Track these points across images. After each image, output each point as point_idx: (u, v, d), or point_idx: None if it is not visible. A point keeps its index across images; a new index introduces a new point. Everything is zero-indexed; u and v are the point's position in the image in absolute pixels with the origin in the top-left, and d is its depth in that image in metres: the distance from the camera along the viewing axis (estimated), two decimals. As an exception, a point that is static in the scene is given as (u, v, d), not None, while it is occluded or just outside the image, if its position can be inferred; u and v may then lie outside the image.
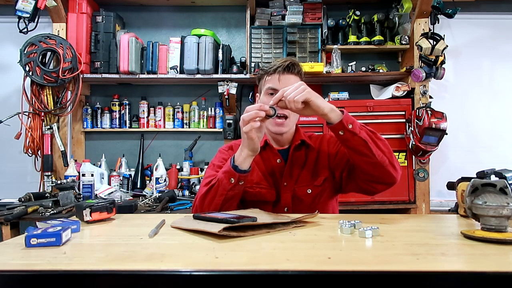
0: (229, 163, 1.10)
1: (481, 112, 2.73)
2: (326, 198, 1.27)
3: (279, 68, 1.24)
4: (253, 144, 1.07)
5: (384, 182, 1.10)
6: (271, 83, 1.25)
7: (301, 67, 1.31)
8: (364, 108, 2.43)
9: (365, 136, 1.04)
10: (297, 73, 1.28)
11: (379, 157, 1.05)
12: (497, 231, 0.72)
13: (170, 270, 0.57)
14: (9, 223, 1.86)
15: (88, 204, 0.95)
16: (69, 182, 2.17)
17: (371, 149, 1.03)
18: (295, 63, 1.27)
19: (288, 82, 1.22)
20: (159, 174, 2.39)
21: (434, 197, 2.57)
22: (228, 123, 2.57)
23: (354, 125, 1.03)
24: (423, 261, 0.61)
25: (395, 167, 1.09)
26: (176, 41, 2.52)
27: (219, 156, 1.33)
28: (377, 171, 1.07)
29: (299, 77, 1.29)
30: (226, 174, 1.09)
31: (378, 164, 1.05)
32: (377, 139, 1.07)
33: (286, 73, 1.25)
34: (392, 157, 1.09)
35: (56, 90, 2.44)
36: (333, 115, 1.04)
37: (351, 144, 1.05)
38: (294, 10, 2.48)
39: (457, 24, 2.70)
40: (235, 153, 1.12)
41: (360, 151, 1.05)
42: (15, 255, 0.66)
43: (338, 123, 1.03)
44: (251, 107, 1.06)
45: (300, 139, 1.29)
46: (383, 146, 1.07)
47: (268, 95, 1.26)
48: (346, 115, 1.04)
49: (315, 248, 0.69)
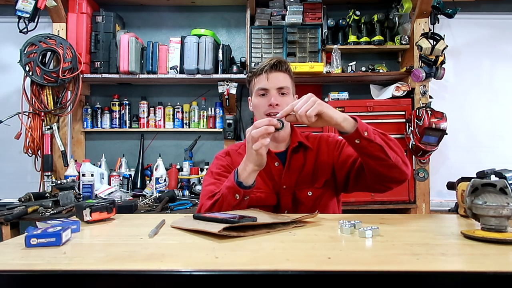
0: (233, 178, 1.06)
1: (481, 112, 2.73)
2: (327, 199, 1.27)
3: (266, 67, 1.24)
4: (261, 160, 1.03)
5: (397, 180, 1.09)
6: (260, 83, 1.25)
7: (289, 64, 1.30)
8: (364, 108, 2.43)
9: (380, 141, 1.02)
10: (284, 70, 1.26)
11: (394, 158, 1.03)
12: (497, 231, 0.72)
13: (170, 270, 0.57)
14: (9, 223, 1.86)
15: (88, 204, 0.95)
16: (69, 182, 2.17)
17: (387, 153, 1.02)
18: (281, 60, 1.26)
19: (277, 80, 1.24)
20: (159, 174, 2.39)
21: (434, 197, 2.57)
22: (228, 123, 2.57)
23: (369, 132, 1.00)
24: (423, 261, 0.61)
25: (407, 164, 1.08)
26: (176, 41, 2.52)
27: (216, 163, 1.31)
28: (392, 172, 1.06)
29: (287, 74, 1.28)
30: (230, 190, 1.06)
31: (393, 165, 1.04)
32: (389, 140, 1.06)
33: (273, 71, 1.24)
34: (403, 155, 1.08)
35: (56, 90, 2.44)
36: (346, 124, 1.00)
37: (367, 151, 1.03)
38: (294, 10, 2.48)
39: (457, 24, 2.70)
40: (239, 167, 1.08)
41: (377, 156, 1.02)
42: (15, 255, 0.66)
43: (354, 132, 0.99)
44: (259, 122, 1.02)
45: (297, 140, 1.28)
46: (395, 146, 1.06)
47: (259, 96, 1.26)
48: (360, 123, 1.00)
49: (315, 248, 0.69)
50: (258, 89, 1.25)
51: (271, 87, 1.23)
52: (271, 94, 1.23)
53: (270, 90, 1.24)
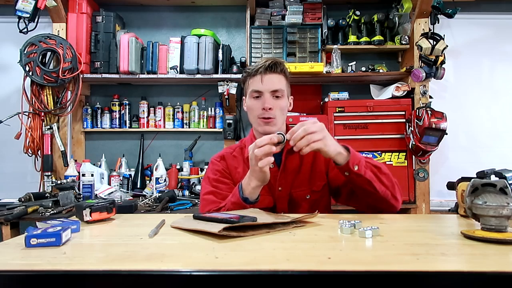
0: (238, 193, 1.07)
1: (481, 112, 2.73)
2: (326, 203, 1.26)
3: (261, 69, 1.21)
4: (264, 176, 1.03)
5: (386, 211, 1.11)
6: (254, 85, 1.22)
7: (285, 65, 1.26)
8: (364, 108, 2.43)
9: (370, 175, 1.03)
10: (280, 71, 1.23)
11: (382, 192, 1.06)
12: (497, 231, 0.72)
13: (170, 270, 0.57)
14: (9, 223, 1.86)
15: (88, 204, 0.95)
16: (69, 182, 2.17)
17: (375, 187, 1.04)
18: (277, 62, 1.23)
19: (271, 82, 1.21)
20: (159, 174, 2.39)
21: (434, 197, 2.57)
22: (228, 123, 2.57)
23: (359, 166, 1.02)
24: (423, 261, 0.61)
25: (397, 198, 1.11)
26: (176, 41, 2.52)
27: (212, 168, 1.30)
28: (379, 204, 1.09)
29: (282, 75, 1.24)
30: (236, 205, 1.06)
31: (381, 199, 1.07)
32: (381, 174, 1.07)
33: (268, 72, 1.21)
34: (394, 189, 1.10)
35: (56, 90, 2.44)
36: (339, 158, 1.02)
37: (356, 183, 1.06)
38: (294, 10, 2.48)
39: (457, 24, 2.70)
40: (243, 182, 1.08)
41: (365, 189, 1.05)
42: (15, 255, 0.65)
43: (344, 165, 1.02)
44: (261, 140, 0.99)
45: None
46: (387, 181, 1.08)
47: (253, 98, 1.23)
48: (352, 156, 1.01)
49: (315, 248, 0.69)
50: (252, 91, 1.23)
51: (265, 89, 1.21)
52: (265, 97, 1.21)
53: (264, 93, 1.21)
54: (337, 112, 2.43)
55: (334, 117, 2.42)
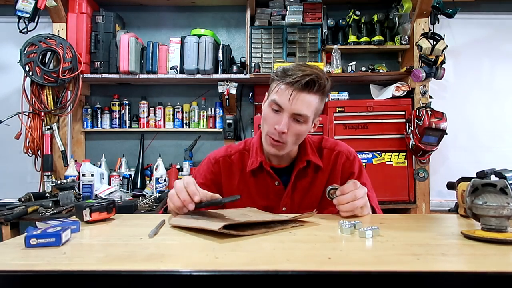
0: None
1: (481, 112, 2.73)
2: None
3: (296, 84, 0.98)
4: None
5: None
6: (279, 96, 1.01)
7: (326, 81, 1.02)
8: (364, 108, 2.43)
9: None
10: (315, 91, 1.00)
11: None
12: (497, 231, 0.72)
13: (170, 271, 0.57)
14: (9, 223, 1.86)
15: (88, 204, 0.94)
16: (69, 182, 2.17)
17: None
18: (317, 78, 0.99)
19: (299, 104, 0.99)
20: (159, 174, 2.39)
21: (434, 197, 2.57)
22: (228, 123, 2.57)
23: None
24: (423, 261, 0.61)
25: None
26: (176, 41, 2.53)
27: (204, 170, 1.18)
28: None
29: (318, 95, 1.03)
30: None
31: None
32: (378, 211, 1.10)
33: (302, 91, 0.99)
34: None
35: (56, 90, 2.44)
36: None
37: None
38: (294, 10, 2.48)
39: (457, 24, 2.70)
40: None
41: None
42: (15, 255, 0.65)
43: None
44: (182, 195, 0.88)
45: (307, 159, 1.11)
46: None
47: (271, 109, 1.04)
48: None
49: (315, 248, 0.69)
50: (273, 101, 1.02)
51: (287, 109, 1.00)
52: (283, 117, 1.01)
53: (284, 111, 1.01)
54: (337, 112, 2.43)
55: (334, 117, 2.42)
